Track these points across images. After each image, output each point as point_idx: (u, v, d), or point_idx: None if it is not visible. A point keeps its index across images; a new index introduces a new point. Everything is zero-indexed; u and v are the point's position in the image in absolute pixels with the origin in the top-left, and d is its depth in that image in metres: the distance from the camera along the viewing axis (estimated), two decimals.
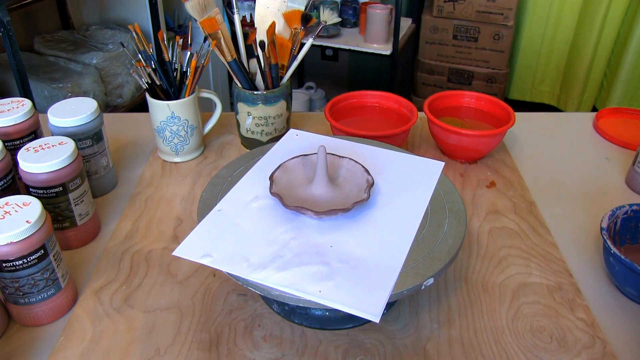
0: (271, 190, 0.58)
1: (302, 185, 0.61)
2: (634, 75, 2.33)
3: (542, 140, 0.94)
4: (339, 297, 0.48)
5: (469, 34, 2.32)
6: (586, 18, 2.33)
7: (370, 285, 0.49)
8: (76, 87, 1.54)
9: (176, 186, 0.80)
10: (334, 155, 0.64)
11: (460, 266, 0.65)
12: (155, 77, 0.80)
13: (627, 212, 0.63)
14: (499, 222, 0.73)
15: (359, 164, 0.62)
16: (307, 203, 0.58)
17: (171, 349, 0.55)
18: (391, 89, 1.96)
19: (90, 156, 0.75)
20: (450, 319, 0.59)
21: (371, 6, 2.06)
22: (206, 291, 0.62)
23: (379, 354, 0.55)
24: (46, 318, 0.58)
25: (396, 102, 0.90)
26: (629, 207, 0.63)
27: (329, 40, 2.18)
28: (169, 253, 0.67)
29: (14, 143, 0.71)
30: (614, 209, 0.63)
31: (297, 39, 0.80)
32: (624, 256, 0.57)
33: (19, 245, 0.52)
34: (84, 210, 0.68)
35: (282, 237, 0.55)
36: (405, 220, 0.58)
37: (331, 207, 0.57)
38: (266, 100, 0.81)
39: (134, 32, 0.78)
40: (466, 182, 0.81)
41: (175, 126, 0.82)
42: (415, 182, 0.63)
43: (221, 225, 0.56)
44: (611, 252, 0.58)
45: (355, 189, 0.61)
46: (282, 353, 0.55)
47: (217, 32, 0.77)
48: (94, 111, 0.73)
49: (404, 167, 0.66)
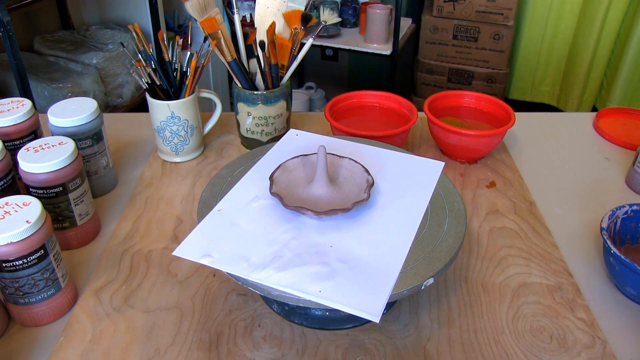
0: (271, 190, 0.58)
1: (302, 185, 0.61)
2: (634, 75, 2.33)
3: (542, 140, 0.94)
4: (339, 297, 0.48)
5: (469, 34, 2.32)
6: (586, 18, 2.33)
7: (371, 285, 0.49)
8: (76, 87, 1.54)
9: (176, 186, 0.80)
10: (334, 155, 0.64)
11: (460, 266, 0.65)
12: (155, 77, 0.80)
13: (627, 212, 0.63)
14: (499, 222, 0.73)
15: (359, 164, 0.62)
16: (307, 203, 0.58)
17: (171, 349, 0.55)
18: (391, 89, 1.95)
19: (90, 156, 0.75)
20: (450, 319, 0.59)
21: (371, 6, 2.06)
22: (206, 291, 0.62)
23: (379, 354, 0.55)
24: (46, 318, 0.58)
25: (396, 102, 0.90)
26: (629, 207, 0.63)
27: (329, 40, 2.18)
28: (169, 253, 0.67)
29: (14, 143, 0.71)
30: (614, 209, 0.63)
31: (297, 39, 0.80)
32: (624, 256, 0.57)
33: (19, 245, 0.52)
34: (84, 210, 0.68)
35: (282, 237, 0.55)
36: (405, 220, 0.58)
37: (331, 207, 0.57)
38: (266, 100, 0.81)
39: (134, 32, 0.78)
40: (466, 182, 0.81)
41: (175, 126, 0.82)
42: (415, 182, 0.63)
43: (221, 225, 0.56)
44: (611, 252, 0.58)
45: (355, 189, 0.61)
46: (282, 353, 0.55)
47: (217, 32, 0.77)
48: (94, 111, 0.73)
49: (404, 167, 0.66)
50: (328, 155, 0.62)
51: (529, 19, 2.43)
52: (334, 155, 0.64)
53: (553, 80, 2.55)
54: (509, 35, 2.27)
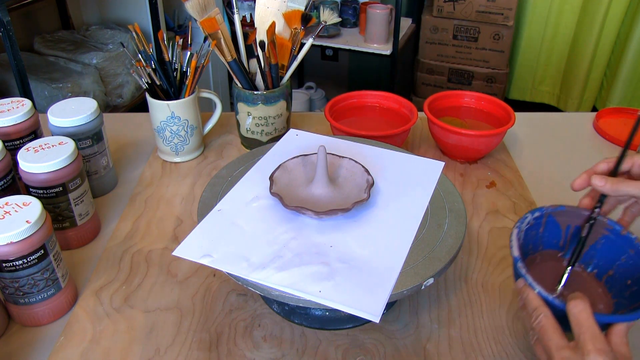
0: (271, 190, 0.58)
1: (302, 185, 0.61)
2: (634, 75, 2.33)
3: (542, 140, 0.94)
4: (339, 297, 0.48)
5: (469, 34, 2.32)
6: (586, 18, 2.33)
7: (371, 285, 0.49)
8: (76, 87, 1.53)
9: (176, 186, 0.80)
10: (334, 155, 0.64)
11: (460, 266, 0.65)
12: (155, 77, 0.80)
13: (529, 222, 0.55)
14: (499, 222, 0.73)
15: (359, 164, 0.62)
16: (307, 203, 0.58)
17: (171, 349, 0.55)
18: (391, 89, 1.95)
19: (90, 156, 0.75)
20: (450, 319, 0.59)
21: (371, 6, 2.06)
22: (206, 291, 0.62)
23: (379, 354, 0.55)
24: (46, 318, 0.58)
25: (396, 102, 0.90)
26: (531, 215, 0.55)
27: (329, 40, 2.18)
28: (169, 253, 0.67)
29: (14, 143, 0.71)
30: (517, 225, 0.54)
31: (297, 39, 0.80)
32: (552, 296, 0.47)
33: (19, 245, 0.52)
34: (84, 210, 0.68)
35: (282, 237, 0.55)
36: (406, 220, 0.58)
37: (331, 207, 0.57)
38: (266, 100, 0.81)
39: (134, 32, 0.78)
40: (466, 182, 0.81)
41: (175, 126, 0.82)
42: (416, 182, 0.63)
43: (221, 226, 0.56)
44: (536, 290, 0.48)
45: (355, 189, 0.60)
46: (282, 353, 0.55)
47: (217, 32, 0.77)
48: (94, 111, 0.73)
49: (404, 167, 0.66)
50: (328, 155, 0.62)
51: (529, 19, 2.43)
52: (334, 155, 0.64)
53: (553, 80, 2.55)
54: (509, 35, 2.27)
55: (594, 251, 0.56)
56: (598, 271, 0.56)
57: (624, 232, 0.54)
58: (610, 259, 0.54)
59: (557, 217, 0.56)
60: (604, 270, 0.55)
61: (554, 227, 0.57)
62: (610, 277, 0.54)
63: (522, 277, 0.48)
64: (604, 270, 0.55)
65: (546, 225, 0.57)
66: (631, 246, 0.53)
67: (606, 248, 0.55)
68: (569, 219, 0.56)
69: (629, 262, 0.53)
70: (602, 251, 0.55)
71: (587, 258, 0.56)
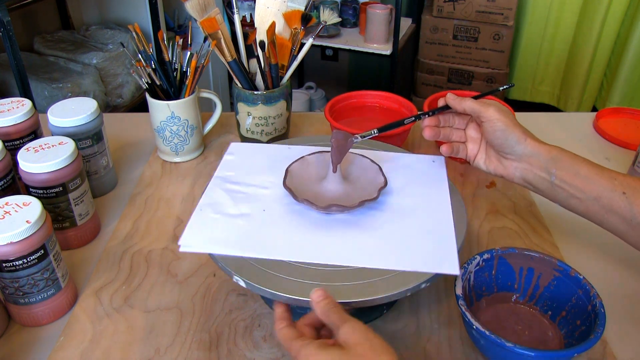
0: (285, 183, 0.59)
1: (316, 180, 0.62)
2: (634, 75, 2.33)
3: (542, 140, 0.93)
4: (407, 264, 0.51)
5: (469, 34, 2.32)
6: (586, 18, 2.33)
7: (432, 245, 0.53)
8: (76, 87, 1.53)
9: (176, 186, 0.80)
10: (350, 152, 0.64)
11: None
12: (155, 77, 0.80)
13: (478, 264, 0.56)
14: (499, 222, 0.73)
15: (376, 164, 0.63)
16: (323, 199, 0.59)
17: (171, 349, 0.55)
18: (391, 89, 1.95)
19: (90, 156, 0.75)
20: (450, 319, 0.59)
21: (371, 6, 2.06)
22: (206, 291, 0.62)
23: None
24: (46, 318, 0.58)
25: (396, 102, 0.90)
26: (480, 257, 0.56)
27: (329, 40, 2.18)
28: (169, 253, 0.67)
29: (14, 143, 0.71)
30: (465, 265, 0.55)
31: (297, 39, 0.80)
32: (488, 332, 0.48)
33: (19, 245, 0.52)
34: (84, 210, 0.68)
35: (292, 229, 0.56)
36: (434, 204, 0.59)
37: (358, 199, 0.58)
38: (266, 100, 0.81)
39: (134, 32, 0.78)
40: (466, 182, 0.81)
41: (175, 126, 0.82)
42: (427, 178, 0.64)
43: (224, 219, 0.57)
44: (473, 327, 0.49)
45: (368, 186, 0.61)
46: (282, 353, 0.55)
47: (217, 32, 0.77)
48: (94, 111, 0.73)
49: (407, 166, 0.66)
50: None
51: (529, 19, 2.43)
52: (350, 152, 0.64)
53: (553, 80, 2.55)
54: (509, 35, 2.27)
55: (548, 292, 0.57)
56: (552, 313, 0.56)
57: (572, 273, 0.55)
58: (563, 300, 0.55)
59: (508, 259, 0.57)
60: (558, 312, 0.56)
61: (507, 269, 0.57)
62: (563, 318, 0.55)
63: (463, 315, 0.50)
64: (558, 311, 0.56)
65: (498, 267, 0.57)
66: (579, 286, 0.54)
67: (557, 290, 0.56)
68: (521, 261, 0.57)
69: (579, 303, 0.54)
70: (555, 293, 0.56)
71: (542, 300, 0.57)
